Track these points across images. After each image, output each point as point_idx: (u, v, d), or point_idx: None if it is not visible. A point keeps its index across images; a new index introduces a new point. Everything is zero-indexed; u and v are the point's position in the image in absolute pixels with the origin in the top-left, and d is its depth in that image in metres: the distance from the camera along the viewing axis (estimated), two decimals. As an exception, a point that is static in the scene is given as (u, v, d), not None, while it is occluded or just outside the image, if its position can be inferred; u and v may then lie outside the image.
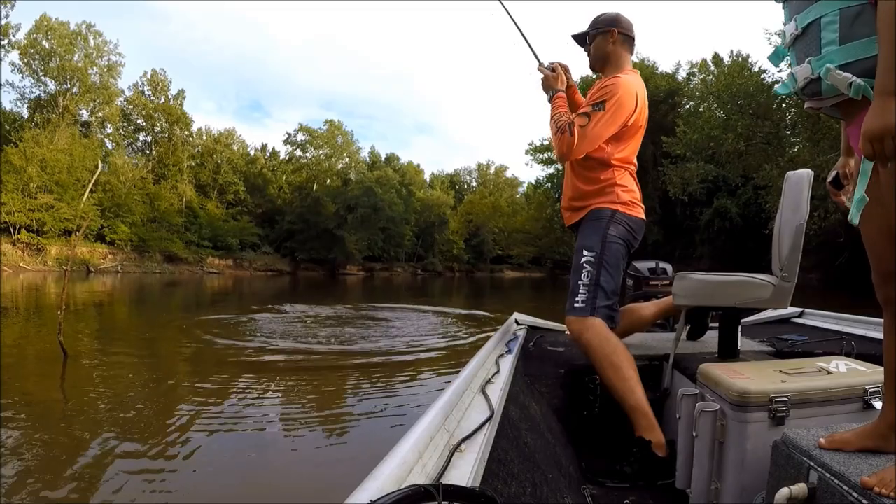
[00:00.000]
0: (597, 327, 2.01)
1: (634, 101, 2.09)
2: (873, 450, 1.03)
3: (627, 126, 2.13)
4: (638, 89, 2.13)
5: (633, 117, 2.12)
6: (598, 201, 2.18)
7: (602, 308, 2.05)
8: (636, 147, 2.23)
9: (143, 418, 3.66)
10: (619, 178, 2.18)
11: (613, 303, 2.12)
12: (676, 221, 33.66)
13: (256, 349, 6.26)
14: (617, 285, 2.13)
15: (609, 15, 2.25)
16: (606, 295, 2.07)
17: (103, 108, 41.82)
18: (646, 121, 2.23)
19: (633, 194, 2.20)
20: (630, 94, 2.09)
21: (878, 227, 1.02)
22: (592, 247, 2.10)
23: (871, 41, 0.91)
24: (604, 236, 2.11)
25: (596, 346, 1.99)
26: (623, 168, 2.19)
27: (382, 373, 5.25)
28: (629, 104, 2.08)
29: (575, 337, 2.07)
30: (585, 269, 2.08)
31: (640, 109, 2.14)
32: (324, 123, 58.14)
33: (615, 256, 2.11)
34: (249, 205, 50.90)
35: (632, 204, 2.18)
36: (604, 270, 2.08)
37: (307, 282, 32.83)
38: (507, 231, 60.16)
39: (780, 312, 3.35)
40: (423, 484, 0.68)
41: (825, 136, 20.85)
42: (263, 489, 2.64)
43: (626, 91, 2.08)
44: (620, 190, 2.16)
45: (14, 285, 18.32)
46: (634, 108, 2.10)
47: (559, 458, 1.57)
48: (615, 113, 2.06)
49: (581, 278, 2.09)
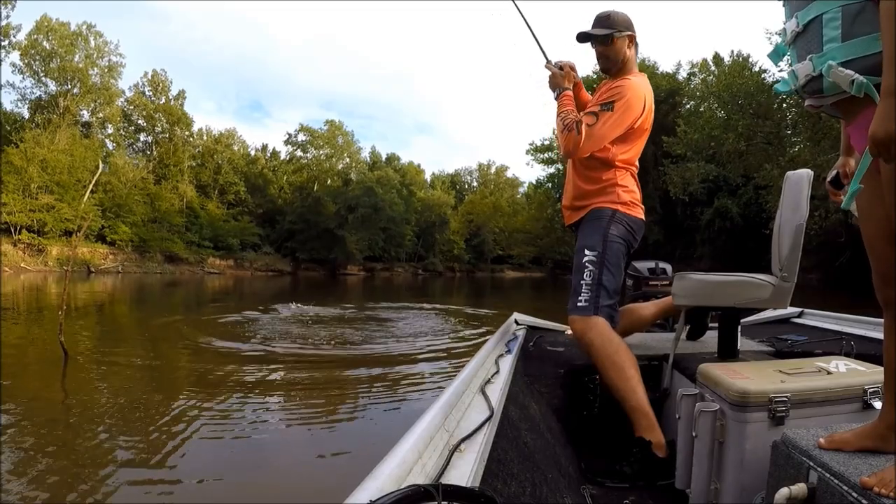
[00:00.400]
0: (600, 326, 2.02)
1: (643, 104, 2.10)
2: (873, 450, 1.03)
3: (634, 128, 2.13)
4: (646, 93, 2.14)
5: (640, 120, 2.12)
6: (598, 201, 2.18)
7: (605, 307, 2.06)
8: (640, 149, 2.24)
9: (144, 418, 3.66)
10: (621, 178, 2.18)
11: (615, 302, 2.13)
12: (677, 221, 33.65)
13: (256, 349, 6.26)
14: (618, 285, 2.14)
15: (625, 16, 2.20)
16: (609, 294, 2.08)
17: (104, 109, 41.83)
18: (651, 124, 2.23)
19: (634, 195, 2.21)
20: (639, 98, 2.09)
21: (879, 227, 1.02)
22: (594, 246, 2.10)
23: (874, 38, 0.91)
24: (605, 235, 2.11)
25: (598, 345, 1.99)
26: (625, 169, 2.20)
27: (383, 372, 5.24)
28: (637, 107, 2.09)
29: (578, 336, 2.07)
30: (588, 269, 2.08)
31: (647, 113, 2.14)
32: (324, 124, 58.24)
33: (616, 256, 2.11)
34: (250, 205, 50.92)
35: (632, 204, 2.19)
36: (606, 269, 2.08)
37: (308, 282, 32.84)
38: (508, 231, 60.14)
39: (780, 312, 3.35)
40: (422, 484, 0.68)
41: (826, 136, 20.85)
42: (263, 489, 2.64)
43: (635, 94, 2.08)
44: (622, 190, 2.17)
45: (15, 286, 18.34)
46: (642, 112, 2.11)
47: (559, 458, 1.58)
48: (623, 114, 2.07)
49: (583, 277, 2.08)
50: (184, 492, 2.60)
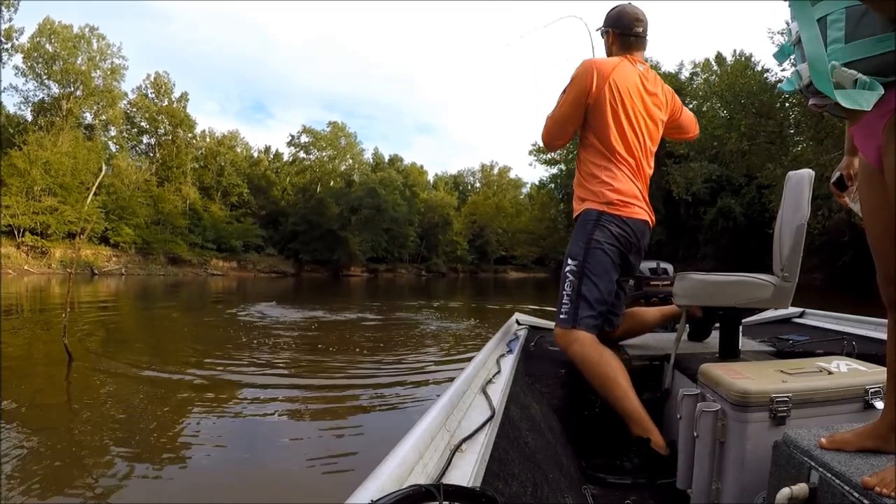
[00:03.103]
0: (581, 339, 1.99)
1: (590, 76, 2.05)
2: (874, 450, 1.03)
3: (595, 106, 2.08)
4: (600, 67, 2.07)
5: (592, 94, 2.06)
6: (588, 201, 2.14)
7: (585, 319, 2.01)
8: (627, 138, 2.11)
9: (146, 419, 3.66)
10: (607, 174, 2.11)
11: (599, 312, 2.06)
12: (680, 221, 33.61)
13: (258, 349, 6.27)
14: (603, 293, 2.06)
15: (613, 12, 2.23)
16: (590, 305, 2.03)
17: (107, 111, 41.89)
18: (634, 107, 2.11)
19: (624, 193, 2.10)
20: (585, 71, 2.07)
21: (884, 227, 1.02)
22: (576, 255, 2.08)
23: (878, 39, 0.92)
24: (587, 242, 2.07)
25: (580, 358, 1.97)
26: (612, 162, 2.12)
27: (384, 372, 5.25)
28: (583, 80, 2.07)
29: (562, 349, 2.07)
30: (568, 279, 2.06)
31: (600, 86, 2.05)
32: (327, 125, 58.37)
33: (600, 264, 2.05)
34: (253, 206, 50.99)
35: (621, 204, 2.09)
36: (586, 279, 2.04)
37: (311, 283, 32.86)
38: (511, 232, 60.26)
39: (781, 312, 3.35)
40: (423, 484, 0.69)
41: (829, 135, 20.81)
42: (264, 489, 2.65)
43: (581, 69, 2.08)
44: (607, 189, 2.09)
45: (18, 288, 18.39)
46: (591, 84, 2.05)
47: (560, 457, 1.58)
48: (570, 91, 2.09)
49: (565, 288, 2.07)
50: (184, 492, 2.61)
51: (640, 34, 2.20)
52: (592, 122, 2.12)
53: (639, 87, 2.13)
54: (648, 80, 2.17)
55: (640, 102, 2.13)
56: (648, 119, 2.17)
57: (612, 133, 2.10)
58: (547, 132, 2.19)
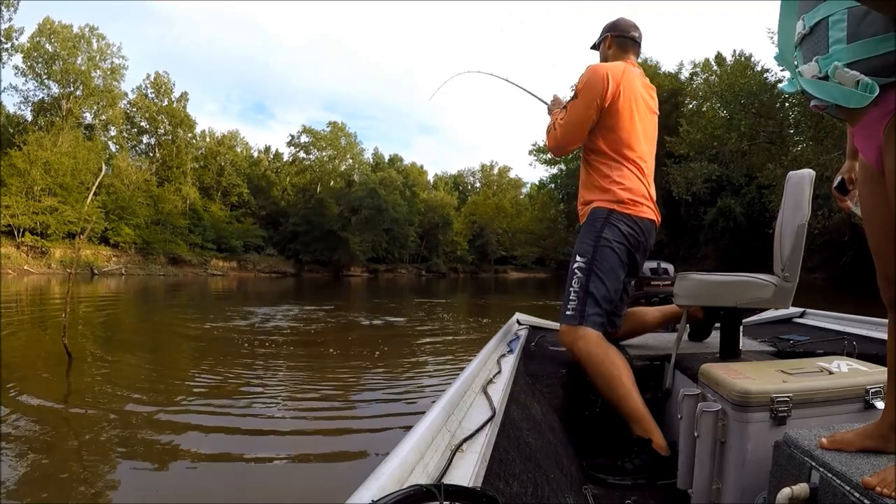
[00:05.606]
0: (588, 337, 1.99)
1: (604, 80, 2.08)
2: (874, 450, 1.03)
3: (609, 110, 2.11)
4: (614, 72, 2.10)
5: (607, 97, 2.09)
6: (597, 200, 2.16)
7: (592, 316, 2.02)
8: (636, 139, 2.16)
9: (146, 419, 3.66)
10: (618, 174, 2.14)
11: (606, 310, 2.07)
12: (680, 221, 33.57)
13: (258, 349, 6.27)
14: (610, 291, 2.07)
15: (610, 22, 2.34)
16: (597, 302, 2.04)
17: (107, 111, 41.91)
18: (645, 110, 2.20)
19: (634, 192, 2.13)
20: (598, 76, 2.09)
21: (884, 228, 1.02)
22: (585, 252, 2.08)
23: (879, 40, 0.92)
24: (596, 240, 2.08)
25: (586, 355, 1.97)
26: (623, 163, 2.15)
27: (385, 372, 5.25)
28: (597, 83, 2.09)
29: (566, 346, 2.07)
30: (576, 276, 2.07)
31: (618, 91, 2.10)
32: (327, 125, 58.20)
33: (608, 261, 2.07)
34: (253, 207, 50.97)
35: (631, 203, 2.12)
36: (594, 276, 2.05)
37: (311, 283, 32.86)
38: (511, 232, 60.21)
39: (782, 312, 3.35)
40: (424, 484, 0.68)
41: (829, 135, 20.81)
42: (264, 489, 2.65)
43: (592, 73, 2.11)
44: (618, 188, 2.12)
45: (18, 288, 18.39)
46: (606, 87, 2.08)
47: (560, 457, 1.58)
48: (584, 96, 2.11)
49: (572, 285, 2.07)
50: (185, 492, 2.61)
51: (637, 38, 2.30)
52: (604, 124, 2.15)
53: (640, 88, 2.20)
54: (645, 82, 2.27)
55: (643, 103, 2.20)
56: (649, 119, 2.25)
57: (624, 134, 2.15)
58: (562, 137, 2.18)
